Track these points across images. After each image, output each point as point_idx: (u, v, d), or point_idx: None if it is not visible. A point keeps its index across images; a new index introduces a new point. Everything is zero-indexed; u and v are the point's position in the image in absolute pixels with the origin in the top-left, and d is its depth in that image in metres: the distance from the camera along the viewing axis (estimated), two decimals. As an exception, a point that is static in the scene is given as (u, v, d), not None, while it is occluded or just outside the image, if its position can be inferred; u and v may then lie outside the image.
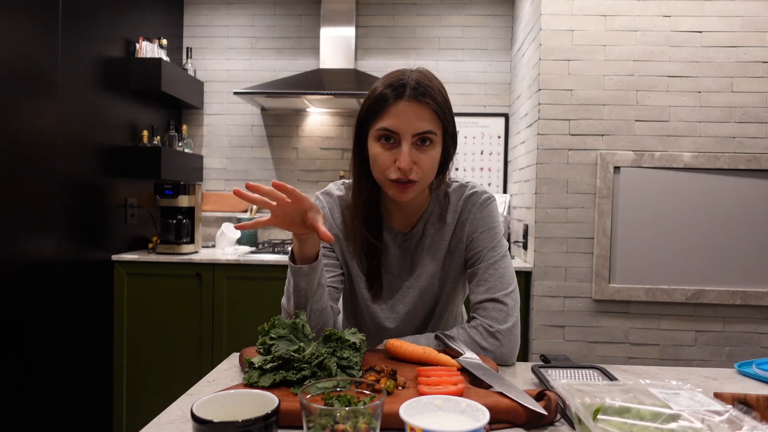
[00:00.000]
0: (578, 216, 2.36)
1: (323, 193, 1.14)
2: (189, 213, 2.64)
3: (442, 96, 0.97)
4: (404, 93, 0.93)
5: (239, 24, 3.21)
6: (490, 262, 1.05)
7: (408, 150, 0.94)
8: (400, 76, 0.96)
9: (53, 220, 2.10)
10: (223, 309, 2.50)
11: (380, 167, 0.97)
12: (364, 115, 0.99)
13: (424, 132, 0.94)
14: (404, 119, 0.93)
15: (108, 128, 2.48)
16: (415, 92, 0.93)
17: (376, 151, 0.97)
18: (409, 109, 0.93)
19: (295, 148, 3.22)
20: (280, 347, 0.80)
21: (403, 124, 0.94)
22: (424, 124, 0.94)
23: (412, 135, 0.94)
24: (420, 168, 0.96)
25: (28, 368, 1.97)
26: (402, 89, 0.94)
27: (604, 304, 2.35)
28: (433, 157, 0.97)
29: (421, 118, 0.94)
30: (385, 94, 0.95)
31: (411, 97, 0.93)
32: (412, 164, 0.94)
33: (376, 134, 0.96)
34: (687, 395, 0.71)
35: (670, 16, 2.31)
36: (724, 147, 2.31)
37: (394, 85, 0.95)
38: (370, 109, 0.97)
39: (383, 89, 0.95)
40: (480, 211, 1.08)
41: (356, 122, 1.01)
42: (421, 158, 0.95)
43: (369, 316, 1.14)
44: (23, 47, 1.92)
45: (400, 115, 0.93)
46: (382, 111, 0.95)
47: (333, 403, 0.61)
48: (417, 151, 0.95)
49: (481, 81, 3.15)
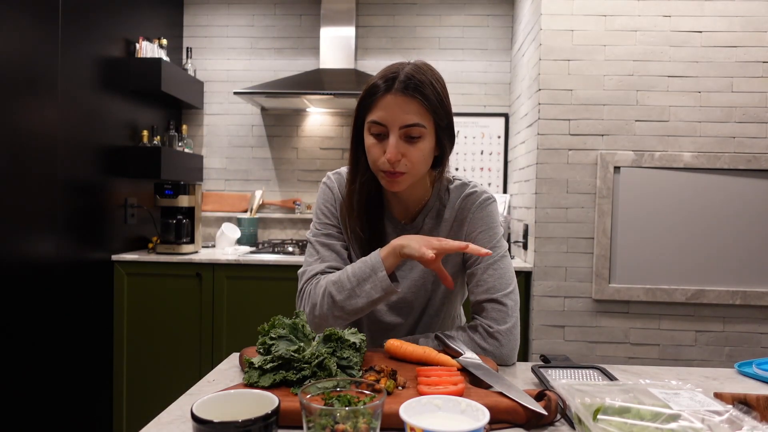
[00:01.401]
0: (578, 216, 2.36)
1: (335, 173, 1.16)
2: (189, 213, 2.64)
3: (434, 89, 0.98)
4: (392, 86, 0.95)
5: (239, 24, 3.21)
6: (490, 262, 1.05)
7: (395, 142, 0.96)
8: (395, 68, 0.98)
9: (53, 220, 2.10)
10: (223, 309, 2.50)
11: (372, 158, 1.00)
12: (359, 107, 1.01)
13: (410, 125, 0.96)
14: (390, 112, 0.95)
15: (108, 128, 2.48)
16: (402, 85, 0.95)
17: (369, 143, 1.00)
18: (395, 102, 0.95)
19: (295, 148, 3.22)
20: (280, 347, 0.80)
21: (389, 117, 0.96)
22: (411, 117, 0.95)
23: (399, 127, 0.96)
24: (409, 160, 0.97)
25: (28, 368, 1.97)
26: (391, 82, 0.96)
27: (604, 304, 2.35)
28: (422, 149, 0.98)
29: (407, 111, 0.95)
30: (376, 87, 0.97)
31: (398, 91, 0.95)
32: (399, 156, 0.96)
33: (368, 126, 0.99)
34: (687, 395, 0.71)
35: (670, 16, 2.31)
36: (724, 147, 2.31)
37: (386, 77, 0.97)
38: (363, 100, 1.00)
39: (376, 81, 0.98)
40: (479, 210, 1.08)
41: (354, 114, 1.04)
42: (409, 150, 0.97)
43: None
44: (23, 47, 1.92)
45: (387, 108, 0.96)
46: (373, 104, 0.98)
47: (333, 403, 0.61)
48: (406, 144, 0.97)
49: (481, 81, 3.15)
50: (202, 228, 3.06)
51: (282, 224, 3.20)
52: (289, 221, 3.19)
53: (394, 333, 1.13)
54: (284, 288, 2.48)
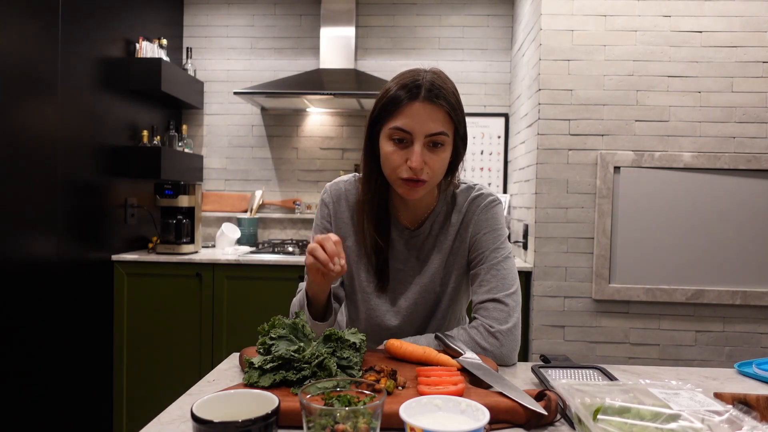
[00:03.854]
0: (578, 216, 2.36)
1: (333, 184, 1.16)
2: (189, 213, 2.64)
3: (455, 98, 0.99)
4: (419, 94, 0.95)
5: (239, 24, 3.21)
6: (493, 263, 1.05)
7: (420, 150, 0.95)
8: (415, 76, 0.97)
9: (53, 220, 2.10)
10: (223, 309, 2.50)
11: (391, 166, 0.98)
12: (377, 114, 1.00)
13: (436, 133, 0.95)
14: (418, 120, 0.95)
15: (108, 128, 2.48)
16: (429, 94, 0.95)
17: (388, 150, 0.98)
18: (423, 111, 0.95)
19: (295, 148, 3.22)
20: (280, 347, 0.80)
21: (416, 125, 0.95)
22: (437, 126, 0.95)
23: (425, 136, 0.95)
24: (430, 168, 0.97)
25: (28, 368, 1.97)
26: (417, 90, 0.95)
27: (604, 304, 2.35)
28: (443, 159, 0.99)
29: (434, 119, 0.95)
30: (399, 95, 0.96)
31: (425, 99, 0.94)
32: (423, 164, 0.96)
33: (388, 133, 0.98)
34: (687, 395, 0.71)
35: (670, 16, 2.31)
36: (724, 147, 2.31)
37: (408, 86, 0.96)
38: (384, 108, 0.98)
39: (397, 90, 0.96)
40: (484, 212, 1.09)
41: (368, 121, 1.03)
42: (432, 159, 0.97)
43: (368, 311, 1.14)
44: (23, 47, 1.92)
45: (414, 116, 0.95)
46: (397, 111, 0.96)
47: (333, 403, 0.61)
48: (429, 152, 0.96)
49: (481, 81, 3.15)
50: (202, 228, 3.06)
51: (282, 224, 3.20)
52: (289, 221, 3.19)
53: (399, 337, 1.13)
54: (284, 288, 2.48)
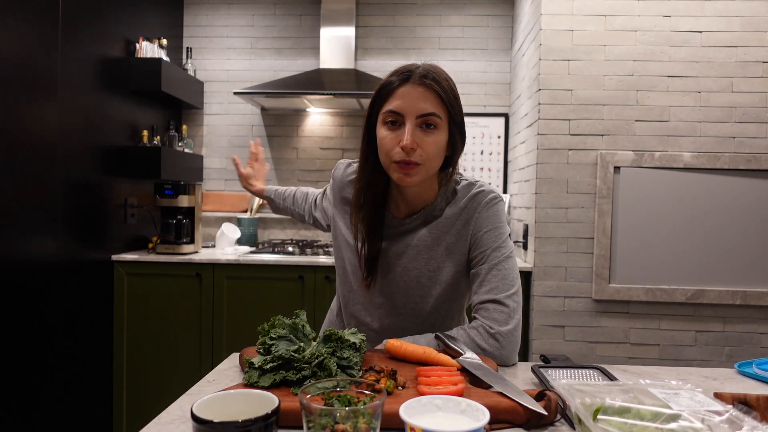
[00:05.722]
0: (578, 216, 2.36)
1: (346, 163, 1.20)
2: (189, 213, 2.64)
3: (449, 84, 1.00)
4: (410, 78, 0.97)
5: (239, 24, 3.21)
6: (494, 262, 1.04)
7: (411, 129, 0.96)
8: (409, 66, 1.00)
9: (53, 220, 2.10)
10: (223, 309, 2.50)
11: (385, 149, 0.99)
12: (373, 103, 1.02)
13: (428, 113, 0.97)
14: (408, 100, 0.97)
15: (108, 128, 2.48)
16: (421, 78, 0.97)
17: (382, 134, 1.00)
18: (414, 91, 0.97)
19: (295, 148, 3.22)
20: (280, 347, 0.80)
21: (407, 105, 0.97)
22: (428, 106, 0.97)
23: (416, 116, 0.97)
24: (424, 150, 0.97)
25: (28, 368, 1.97)
26: (409, 74, 0.98)
27: (604, 304, 2.35)
28: (437, 141, 0.99)
29: (425, 99, 0.97)
30: (392, 80, 0.99)
31: (416, 80, 0.97)
32: (415, 144, 0.96)
33: (382, 118, 1.00)
34: (687, 395, 0.71)
35: (670, 16, 2.31)
36: (724, 147, 2.31)
37: (401, 72, 0.99)
38: (378, 95, 1.01)
39: (390, 77, 1.00)
40: (485, 210, 1.07)
41: (366, 113, 1.05)
42: (425, 140, 0.97)
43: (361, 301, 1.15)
44: (23, 47, 1.92)
45: (405, 97, 0.97)
46: (389, 95, 0.99)
47: (333, 403, 0.61)
48: (421, 133, 0.98)
49: (481, 81, 3.15)
50: (202, 228, 3.06)
51: (282, 224, 3.20)
52: (289, 221, 3.19)
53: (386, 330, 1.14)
54: (284, 288, 2.48)
